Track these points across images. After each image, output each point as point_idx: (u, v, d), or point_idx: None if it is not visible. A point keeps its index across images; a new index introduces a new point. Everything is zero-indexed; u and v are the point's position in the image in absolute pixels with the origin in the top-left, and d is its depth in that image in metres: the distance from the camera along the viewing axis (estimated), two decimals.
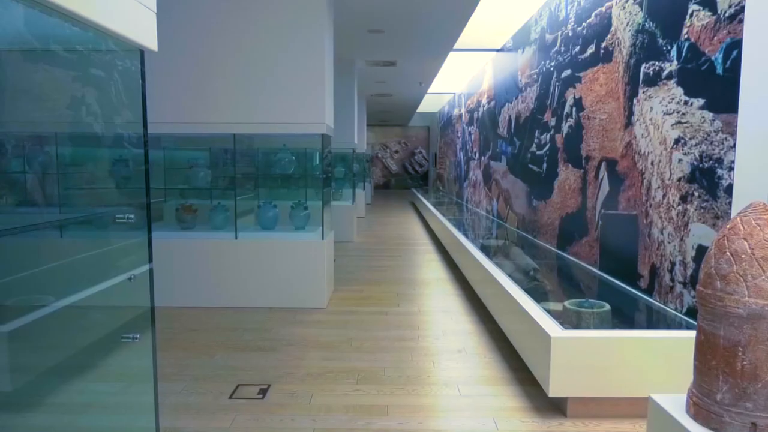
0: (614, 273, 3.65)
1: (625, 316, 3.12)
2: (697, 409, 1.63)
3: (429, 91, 11.44)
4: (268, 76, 4.15)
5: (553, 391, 2.47)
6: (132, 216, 1.25)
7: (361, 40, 6.69)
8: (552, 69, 5.03)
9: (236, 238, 4.33)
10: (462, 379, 2.96)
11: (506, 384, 2.89)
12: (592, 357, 2.45)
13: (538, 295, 3.27)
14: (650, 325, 3.04)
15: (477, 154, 9.15)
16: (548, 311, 2.85)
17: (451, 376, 3.00)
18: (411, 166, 21.12)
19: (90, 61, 1.42)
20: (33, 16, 1.33)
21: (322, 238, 4.33)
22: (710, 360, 1.58)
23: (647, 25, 3.23)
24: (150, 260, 1.34)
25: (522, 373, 3.00)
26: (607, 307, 3.00)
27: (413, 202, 15.67)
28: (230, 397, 2.70)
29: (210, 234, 4.44)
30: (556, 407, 2.60)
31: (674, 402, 1.78)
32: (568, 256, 4.50)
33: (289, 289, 4.26)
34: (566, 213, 4.62)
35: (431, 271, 5.99)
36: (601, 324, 2.93)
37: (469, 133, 10.03)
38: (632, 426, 2.44)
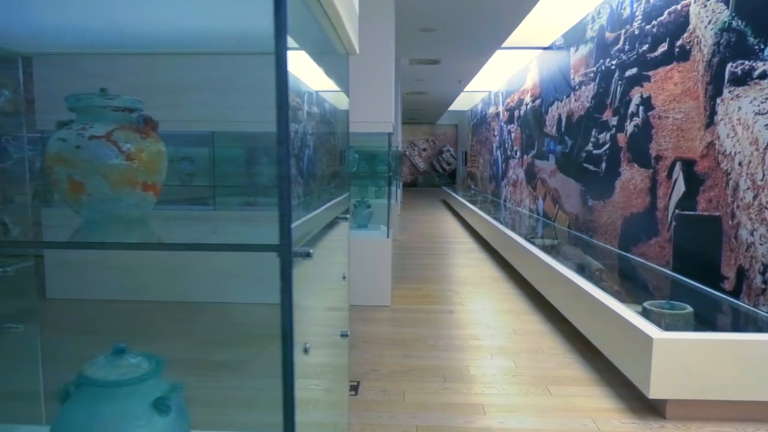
0: (691, 274, 3.61)
1: (712, 318, 3.09)
2: None
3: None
4: None
5: (654, 393, 2.45)
6: (347, 216, 1.28)
7: (411, 38, 6.70)
8: (613, 67, 4.97)
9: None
10: (548, 378, 2.96)
11: (594, 384, 2.88)
12: (694, 359, 2.43)
13: (613, 295, 3.24)
14: (741, 328, 3.00)
15: (518, 153, 9.10)
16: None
17: (535, 375, 3.00)
18: (439, 164, 21.08)
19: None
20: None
21: (387, 237, 4.36)
22: None
23: (734, 23, 3.18)
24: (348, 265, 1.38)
25: (608, 374, 2.99)
26: (689, 309, 2.97)
27: (445, 200, 15.65)
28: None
29: None
30: (654, 409, 2.58)
31: None
32: (634, 257, 4.46)
33: (355, 287, 4.30)
34: (630, 213, 4.58)
35: (482, 269, 5.98)
36: (685, 326, 2.90)
37: (509, 132, 9.98)
38: (735, 429, 2.41)
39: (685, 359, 2.44)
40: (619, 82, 4.84)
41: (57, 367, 1.55)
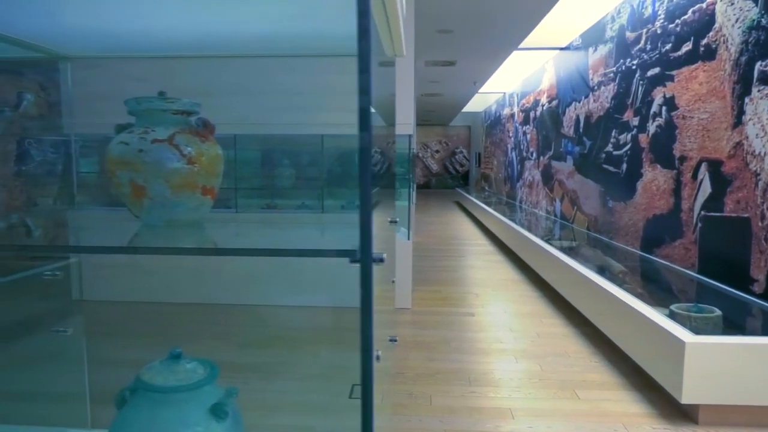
0: (718, 277, 3.56)
1: (741, 321, 3.03)
2: None
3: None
4: None
5: (686, 397, 2.41)
6: (397, 219, 1.27)
7: (427, 40, 6.68)
8: (634, 67, 4.92)
9: (322, 237, 4.37)
10: (575, 383, 2.93)
11: (622, 389, 2.85)
12: (728, 363, 2.39)
13: (638, 298, 3.20)
14: None
15: (534, 154, 9.04)
16: None
17: (562, 379, 2.97)
18: (452, 166, 21.02)
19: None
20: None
21: (408, 239, 4.35)
22: None
23: (764, 21, 3.13)
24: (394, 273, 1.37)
25: (636, 378, 2.95)
26: (718, 312, 2.93)
27: (459, 201, 15.60)
28: (350, 397, 2.73)
29: None
30: (685, 414, 2.54)
31: None
32: (657, 259, 4.40)
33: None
34: (653, 214, 4.52)
35: (500, 271, 5.94)
36: (713, 329, 2.86)
37: (524, 133, 9.93)
38: None
39: (718, 363, 2.40)
40: (641, 82, 4.78)
41: (95, 369, 1.56)
